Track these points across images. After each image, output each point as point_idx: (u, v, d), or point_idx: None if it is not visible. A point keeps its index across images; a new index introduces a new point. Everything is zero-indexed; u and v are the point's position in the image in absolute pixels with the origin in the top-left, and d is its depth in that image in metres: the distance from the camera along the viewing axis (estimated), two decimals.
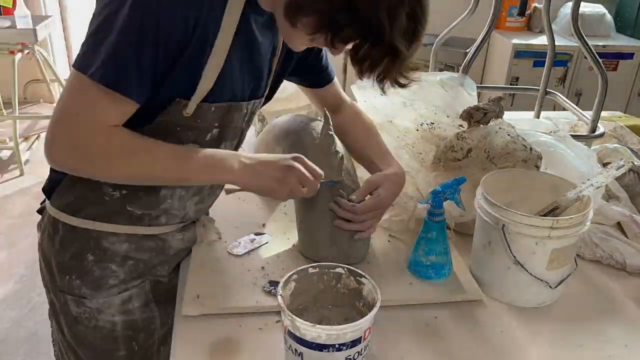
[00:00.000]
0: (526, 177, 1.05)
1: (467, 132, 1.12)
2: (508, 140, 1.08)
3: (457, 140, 1.11)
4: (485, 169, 1.08)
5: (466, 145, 1.10)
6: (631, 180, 1.26)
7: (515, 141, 1.08)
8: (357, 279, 0.82)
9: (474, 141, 1.10)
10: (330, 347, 0.72)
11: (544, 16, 1.71)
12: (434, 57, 1.79)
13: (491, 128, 1.11)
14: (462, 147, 1.10)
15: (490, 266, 0.97)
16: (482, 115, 1.13)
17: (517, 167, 1.07)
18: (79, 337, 1.01)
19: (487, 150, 1.09)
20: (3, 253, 2.62)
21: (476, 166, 1.09)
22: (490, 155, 1.09)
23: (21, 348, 2.06)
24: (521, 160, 1.07)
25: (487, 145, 1.09)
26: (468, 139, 1.10)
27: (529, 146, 1.08)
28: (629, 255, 1.08)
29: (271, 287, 0.92)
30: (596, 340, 0.90)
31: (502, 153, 1.08)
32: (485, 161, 1.09)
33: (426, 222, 0.97)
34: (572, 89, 3.69)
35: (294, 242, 1.06)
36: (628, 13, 3.95)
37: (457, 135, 1.12)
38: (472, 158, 1.09)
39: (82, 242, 0.94)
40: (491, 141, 1.09)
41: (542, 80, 1.81)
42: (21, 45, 3.18)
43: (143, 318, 1.02)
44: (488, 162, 1.09)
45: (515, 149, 1.08)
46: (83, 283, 0.96)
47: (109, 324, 0.99)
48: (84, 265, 0.95)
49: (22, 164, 3.29)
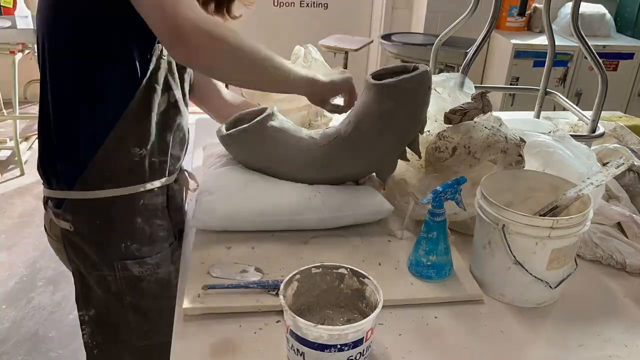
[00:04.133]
0: (526, 177, 1.05)
1: (447, 131, 1.12)
2: (487, 133, 1.08)
3: (440, 140, 1.11)
4: (471, 165, 1.09)
5: (450, 144, 1.10)
6: (631, 180, 1.26)
7: (494, 133, 1.08)
8: (360, 279, 0.83)
9: (455, 139, 1.10)
10: (332, 348, 0.72)
11: (544, 16, 1.71)
12: (434, 57, 1.80)
13: (469, 124, 1.12)
14: (446, 147, 1.10)
15: (490, 266, 0.97)
16: (461, 117, 1.14)
17: (498, 158, 1.07)
18: (143, 293, 1.11)
19: (467, 147, 1.09)
20: (3, 253, 2.62)
21: (462, 163, 1.10)
22: (472, 151, 1.09)
23: (21, 348, 2.07)
24: (501, 152, 1.07)
25: (467, 142, 1.09)
26: (449, 137, 1.11)
27: (505, 135, 1.08)
28: (629, 255, 1.08)
29: (271, 287, 0.92)
30: (596, 340, 0.90)
31: (483, 147, 1.08)
32: (468, 157, 1.09)
33: (427, 222, 0.97)
34: (572, 89, 3.69)
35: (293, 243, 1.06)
36: (628, 13, 3.95)
37: (439, 135, 1.13)
38: (457, 156, 1.10)
39: (127, 208, 1.05)
40: (470, 137, 1.09)
41: (542, 80, 1.81)
42: (21, 45, 3.19)
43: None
44: (471, 158, 1.09)
45: (495, 141, 1.08)
46: (141, 244, 1.08)
47: (166, 274, 1.12)
48: (135, 228, 1.07)
49: (22, 164, 3.29)
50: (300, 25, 4.28)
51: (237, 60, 0.94)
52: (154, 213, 1.09)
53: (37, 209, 2.96)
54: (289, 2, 4.34)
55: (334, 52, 3.56)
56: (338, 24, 4.26)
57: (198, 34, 0.85)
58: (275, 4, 4.30)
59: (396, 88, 1.07)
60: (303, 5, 4.37)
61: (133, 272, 1.09)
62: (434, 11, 3.84)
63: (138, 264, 1.08)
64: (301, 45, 1.61)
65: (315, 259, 0.98)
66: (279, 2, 4.30)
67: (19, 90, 3.31)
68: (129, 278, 1.09)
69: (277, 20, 4.25)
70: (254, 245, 1.05)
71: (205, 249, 1.03)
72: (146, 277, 1.10)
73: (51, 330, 2.14)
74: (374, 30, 4.40)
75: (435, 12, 3.84)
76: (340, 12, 4.38)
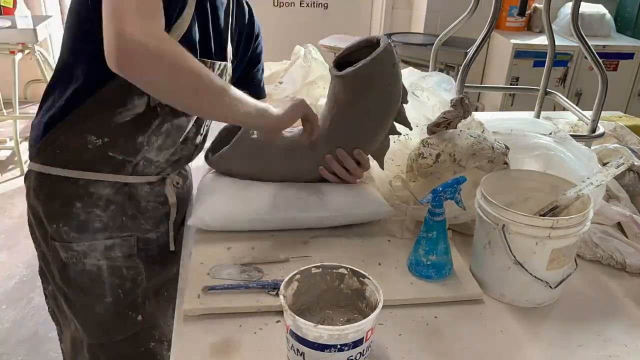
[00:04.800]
0: (526, 177, 1.05)
1: (431, 138, 1.13)
2: (472, 141, 1.09)
3: (424, 147, 1.12)
4: (455, 172, 1.09)
5: (434, 150, 1.11)
6: (631, 180, 1.26)
7: (479, 141, 1.09)
8: (360, 279, 0.83)
9: (440, 146, 1.10)
10: (332, 348, 0.72)
11: (544, 16, 1.71)
12: (434, 57, 1.80)
13: (454, 132, 1.12)
14: (430, 153, 1.11)
15: (490, 266, 0.97)
16: (445, 128, 1.14)
17: (485, 167, 1.07)
18: (69, 281, 1.10)
19: (452, 154, 1.09)
20: (3, 253, 2.62)
21: (447, 170, 1.10)
22: (457, 159, 1.09)
23: (21, 348, 2.07)
24: (488, 161, 1.07)
25: (451, 149, 1.09)
26: (434, 145, 1.11)
27: (491, 145, 1.08)
28: (629, 255, 1.08)
29: (271, 287, 0.92)
30: (596, 340, 0.90)
31: (468, 154, 1.09)
32: (453, 164, 1.09)
33: (427, 221, 0.97)
34: (572, 89, 3.69)
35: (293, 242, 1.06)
36: (628, 13, 3.95)
37: (422, 142, 1.13)
38: (441, 163, 1.10)
39: (69, 190, 1.04)
40: (455, 144, 1.09)
41: (542, 80, 1.80)
42: (21, 45, 3.19)
43: (127, 267, 1.12)
44: (456, 165, 1.09)
45: (481, 149, 1.08)
46: (70, 229, 1.06)
47: (95, 267, 1.09)
48: (72, 211, 1.05)
49: (22, 164, 3.29)
50: (300, 25, 4.28)
51: (177, 80, 0.86)
52: (96, 203, 1.06)
53: None
54: (289, 2, 4.34)
55: (334, 52, 3.56)
56: (338, 24, 4.26)
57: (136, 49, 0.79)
58: (275, 4, 4.30)
59: (358, 75, 1.05)
60: (303, 5, 4.37)
61: (60, 255, 1.08)
62: (434, 11, 3.84)
63: (64, 248, 1.07)
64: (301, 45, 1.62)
65: (315, 259, 0.98)
66: (279, 2, 4.30)
67: (18, 90, 3.31)
68: (57, 261, 1.09)
69: (277, 20, 4.25)
70: (254, 245, 1.05)
71: (205, 249, 1.03)
72: (71, 264, 1.08)
73: (51, 330, 2.14)
74: (374, 30, 4.40)
75: (435, 12, 3.84)
76: (340, 12, 4.38)
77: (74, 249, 1.07)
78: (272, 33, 4.28)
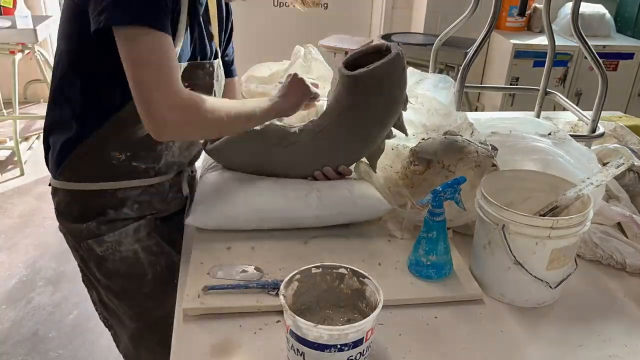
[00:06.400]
0: (526, 177, 1.05)
1: (419, 146, 1.15)
2: (459, 147, 1.10)
3: (414, 155, 1.13)
4: (447, 177, 1.09)
5: (424, 158, 1.11)
6: (631, 180, 1.26)
7: (466, 146, 1.09)
8: (360, 279, 0.83)
9: (429, 154, 1.11)
10: (332, 348, 0.72)
11: (544, 16, 1.71)
12: (434, 57, 1.79)
13: (440, 138, 1.13)
14: (420, 161, 1.12)
15: (490, 266, 0.97)
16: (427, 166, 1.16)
17: (474, 171, 1.08)
18: (110, 272, 1.16)
19: (441, 161, 1.10)
20: (3, 253, 2.62)
21: (438, 176, 1.11)
22: (446, 165, 1.10)
23: (21, 348, 2.07)
24: (475, 166, 1.08)
25: (441, 157, 1.10)
26: (422, 152, 1.12)
27: (476, 150, 1.09)
28: (629, 255, 1.08)
29: (271, 287, 0.92)
30: (596, 340, 0.90)
31: (456, 160, 1.09)
32: (443, 170, 1.11)
33: (426, 221, 0.97)
34: (572, 89, 3.69)
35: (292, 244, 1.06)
36: (628, 13, 3.95)
37: (412, 151, 1.15)
38: (432, 169, 1.11)
39: (99, 199, 1.10)
40: (443, 151, 1.11)
41: (542, 80, 1.80)
42: (21, 45, 3.19)
43: (155, 243, 1.18)
44: (446, 171, 1.10)
45: (468, 152, 1.08)
46: (100, 223, 1.11)
47: (131, 252, 1.15)
48: (103, 213, 1.11)
49: (22, 164, 3.29)
50: (300, 25, 4.28)
51: (210, 131, 1.03)
52: (124, 203, 1.13)
53: (37, 209, 2.96)
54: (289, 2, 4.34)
55: (334, 52, 3.56)
56: (338, 24, 4.25)
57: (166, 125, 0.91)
58: (275, 4, 4.30)
59: (369, 78, 1.06)
60: None
61: (96, 251, 1.13)
62: (434, 11, 3.84)
63: (97, 244, 1.12)
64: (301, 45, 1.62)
65: (315, 259, 0.98)
66: (279, 2, 4.30)
67: (18, 90, 3.31)
68: (95, 258, 1.14)
69: (277, 20, 4.24)
70: (254, 245, 1.05)
71: (205, 249, 1.03)
72: (109, 256, 1.14)
73: (51, 330, 2.14)
74: (374, 30, 4.40)
75: (435, 12, 3.84)
76: (340, 12, 4.37)
77: (107, 241, 1.12)
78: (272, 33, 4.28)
